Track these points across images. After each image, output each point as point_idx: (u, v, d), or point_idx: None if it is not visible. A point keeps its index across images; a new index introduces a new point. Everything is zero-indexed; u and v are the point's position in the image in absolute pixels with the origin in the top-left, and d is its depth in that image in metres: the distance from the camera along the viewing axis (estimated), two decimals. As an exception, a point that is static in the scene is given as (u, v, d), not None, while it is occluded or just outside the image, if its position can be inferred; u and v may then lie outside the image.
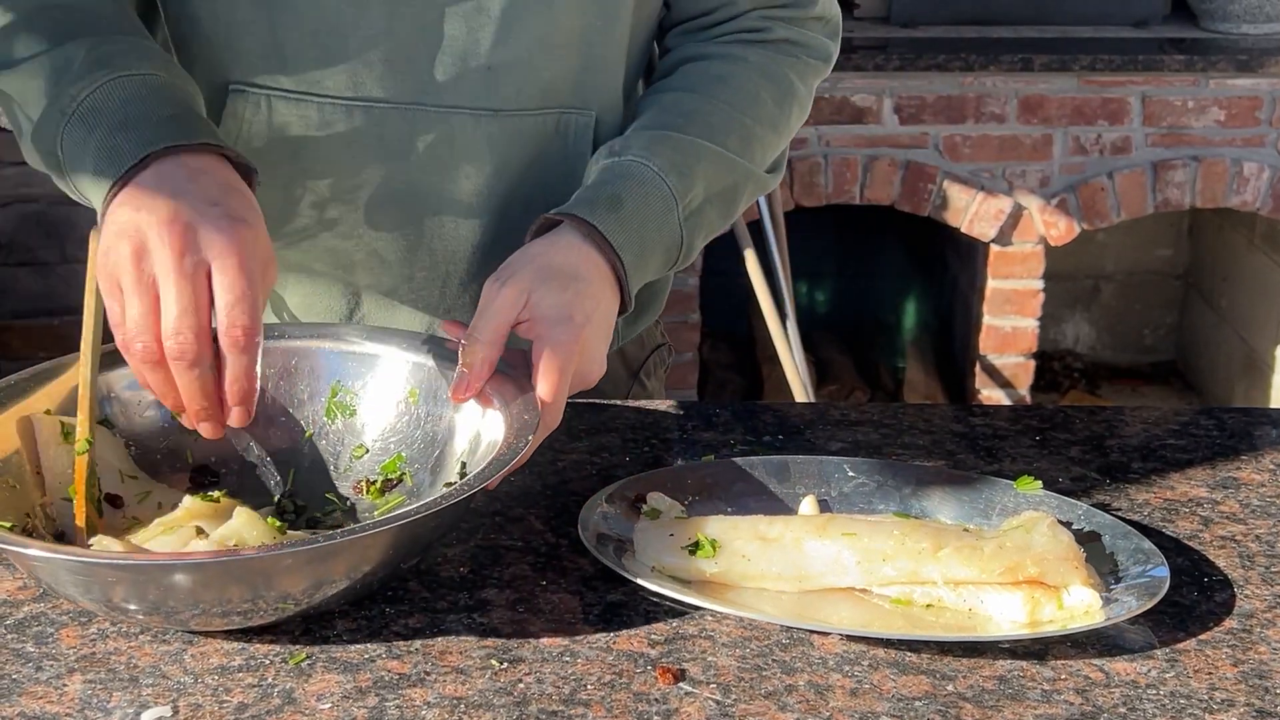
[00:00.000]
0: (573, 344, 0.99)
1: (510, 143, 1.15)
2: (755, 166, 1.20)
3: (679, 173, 1.12)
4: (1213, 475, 1.13)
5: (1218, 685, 0.85)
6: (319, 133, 1.12)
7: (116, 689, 0.84)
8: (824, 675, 0.86)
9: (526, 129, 1.15)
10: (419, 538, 0.90)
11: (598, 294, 1.04)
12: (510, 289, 1.00)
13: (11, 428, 0.98)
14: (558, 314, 1.00)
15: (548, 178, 1.17)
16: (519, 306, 1.00)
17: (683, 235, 1.13)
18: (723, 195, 1.17)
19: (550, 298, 1.00)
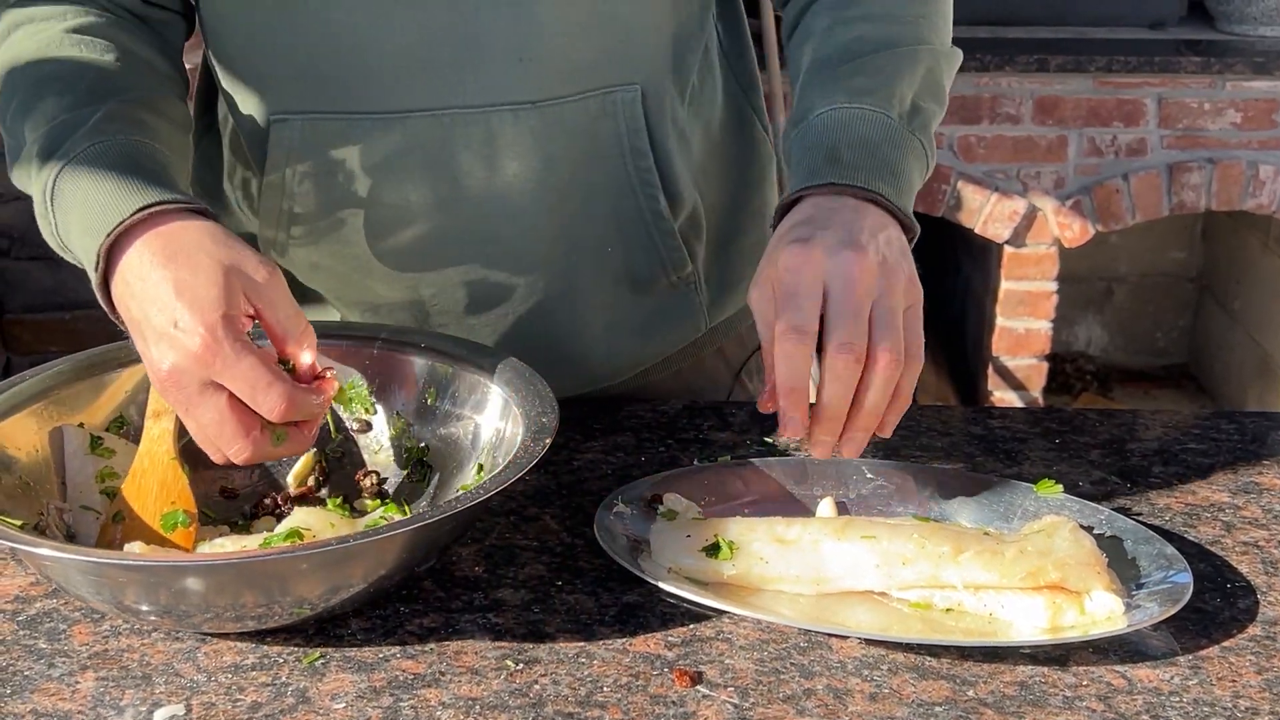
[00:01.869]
0: (863, 261, 0.94)
1: (555, 133, 1.12)
2: (934, 45, 1.13)
3: (869, 92, 1.07)
4: (1234, 479, 1.12)
5: (1241, 693, 0.84)
6: (361, 151, 1.11)
7: (129, 687, 0.84)
8: (843, 679, 0.85)
9: (569, 116, 1.12)
10: (436, 540, 0.90)
11: (864, 221, 0.98)
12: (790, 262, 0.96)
13: (31, 426, 0.98)
14: (838, 240, 0.95)
15: (606, 160, 1.15)
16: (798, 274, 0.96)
17: (919, 140, 1.07)
18: (925, 85, 1.10)
19: (830, 237, 0.96)
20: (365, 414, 1.06)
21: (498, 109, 1.10)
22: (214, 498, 1.03)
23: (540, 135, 1.11)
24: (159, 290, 0.90)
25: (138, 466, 0.98)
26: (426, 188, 1.12)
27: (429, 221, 1.14)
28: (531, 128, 1.11)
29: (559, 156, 1.13)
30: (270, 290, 0.92)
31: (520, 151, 1.12)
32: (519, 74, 1.09)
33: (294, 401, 0.89)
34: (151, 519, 0.95)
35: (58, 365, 1.02)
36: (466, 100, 1.09)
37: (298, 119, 1.11)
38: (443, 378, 1.04)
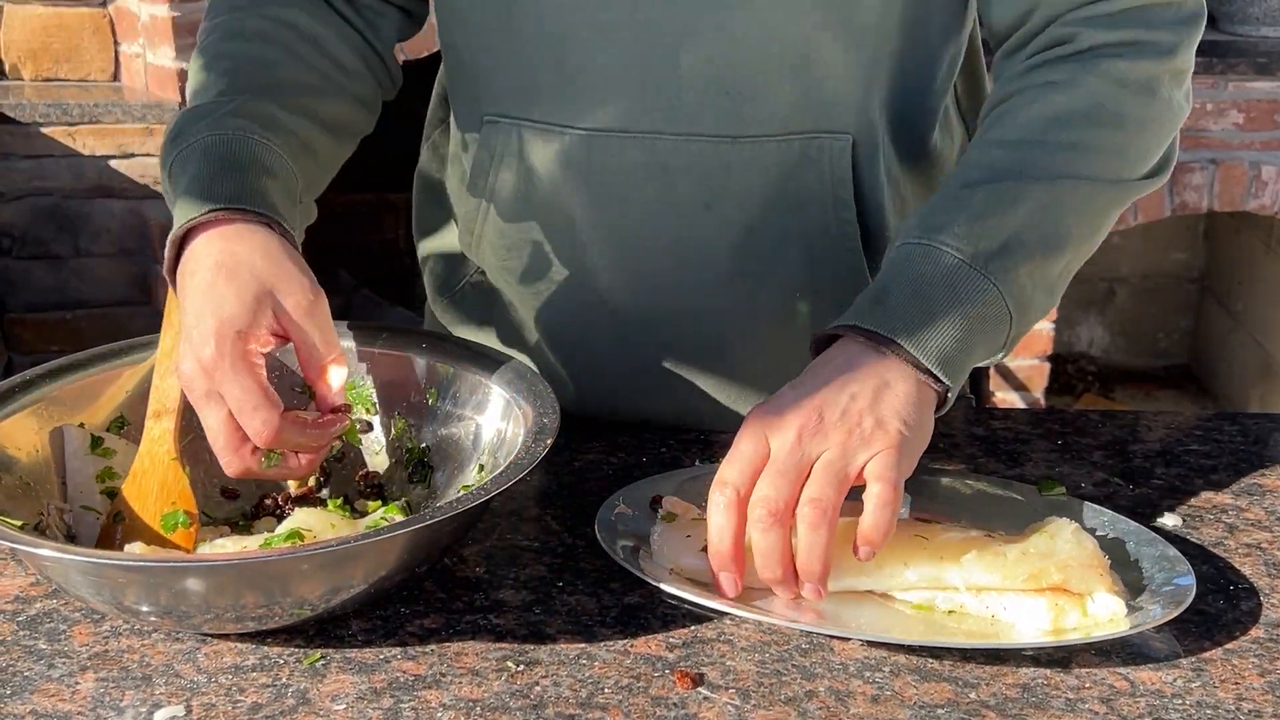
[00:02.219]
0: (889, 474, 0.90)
1: (753, 170, 1.10)
2: (1079, 176, 1.02)
3: (946, 228, 0.98)
4: (1237, 481, 1.12)
5: (1245, 695, 0.84)
6: (563, 164, 1.11)
7: (129, 688, 0.83)
8: (844, 681, 0.85)
9: (770, 156, 1.09)
10: (437, 541, 0.89)
11: (856, 374, 0.93)
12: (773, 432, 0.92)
13: (32, 425, 0.98)
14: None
15: (805, 206, 1.11)
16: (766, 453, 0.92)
17: (993, 283, 0.97)
18: (1035, 222, 1.00)
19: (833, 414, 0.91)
20: (366, 414, 1.06)
21: (698, 139, 1.09)
22: (215, 498, 1.03)
23: (737, 171, 1.10)
24: (196, 293, 0.93)
25: (138, 467, 0.98)
26: (620, 208, 1.12)
27: (616, 243, 1.13)
28: (730, 162, 1.09)
29: (754, 195, 1.11)
30: (305, 315, 0.94)
31: (716, 184, 1.10)
32: (723, 107, 1.07)
33: (279, 431, 0.91)
34: (152, 519, 0.95)
35: (58, 364, 1.02)
36: (672, 128, 1.08)
37: (508, 123, 1.12)
38: (444, 378, 1.04)
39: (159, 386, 1.00)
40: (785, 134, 1.09)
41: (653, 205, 1.11)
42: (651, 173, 1.10)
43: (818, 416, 0.90)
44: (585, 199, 1.12)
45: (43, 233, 3.22)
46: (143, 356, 1.04)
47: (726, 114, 1.08)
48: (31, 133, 3.16)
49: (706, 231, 1.12)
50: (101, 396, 1.02)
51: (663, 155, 1.09)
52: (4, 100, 3.16)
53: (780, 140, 1.09)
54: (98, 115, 3.18)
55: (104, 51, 3.40)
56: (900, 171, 1.15)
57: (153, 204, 3.23)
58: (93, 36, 3.38)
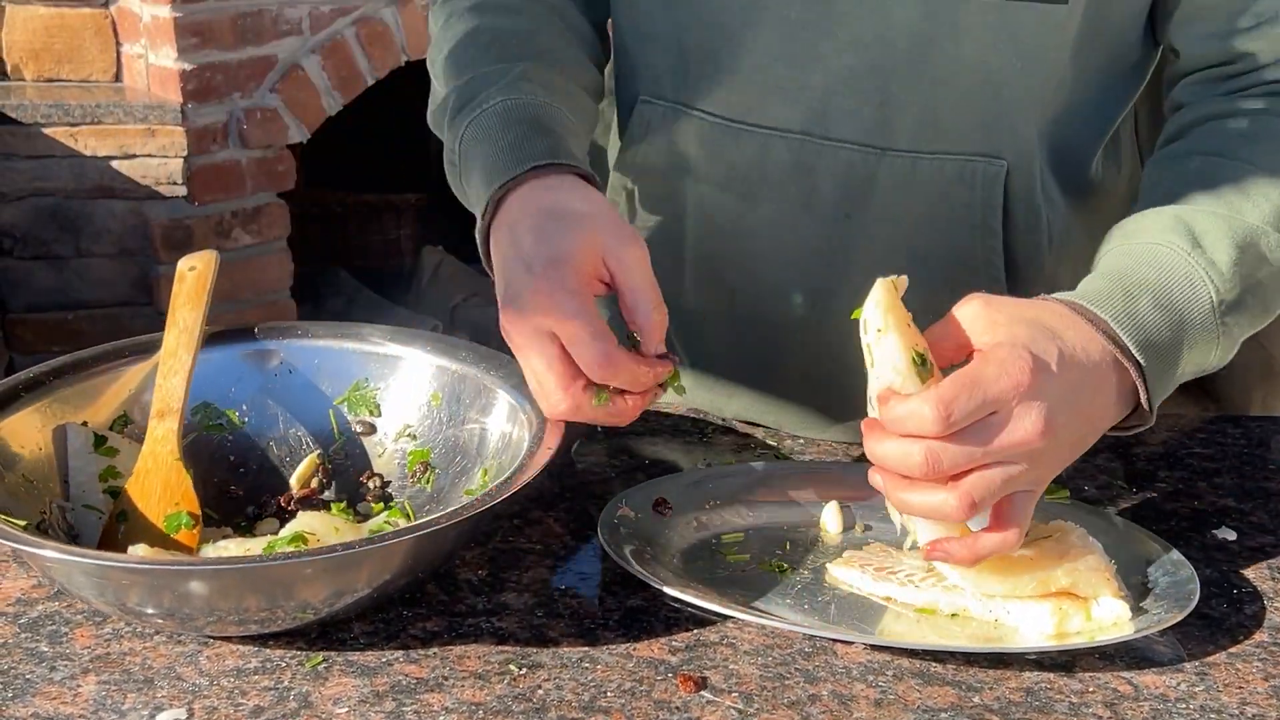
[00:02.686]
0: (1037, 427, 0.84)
1: (899, 186, 1.07)
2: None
3: (1217, 255, 0.95)
4: (1240, 484, 1.12)
5: (1249, 700, 0.84)
6: (709, 153, 1.11)
7: (131, 690, 0.83)
8: (848, 685, 0.85)
9: (921, 173, 1.07)
10: (441, 546, 0.89)
11: (1085, 382, 0.88)
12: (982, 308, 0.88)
13: (34, 424, 0.97)
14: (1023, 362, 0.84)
15: (950, 228, 1.09)
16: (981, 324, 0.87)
17: (1218, 327, 0.94)
18: (1267, 285, 0.98)
19: (1025, 334, 0.86)
20: (370, 416, 1.06)
21: (849, 146, 1.07)
22: (217, 498, 1.03)
23: (886, 184, 1.08)
24: (525, 237, 0.94)
25: (141, 467, 0.98)
26: (760, 206, 1.11)
27: (747, 238, 1.13)
28: (876, 174, 1.08)
29: (899, 211, 1.09)
30: (632, 263, 0.93)
31: (859, 195, 1.09)
32: (879, 118, 1.06)
33: (614, 361, 0.90)
34: (155, 519, 0.95)
35: (62, 362, 1.02)
36: (824, 131, 1.07)
37: (662, 105, 1.13)
38: (449, 381, 1.04)
39: (163, 386, 1.00)
40: (938, 152, 1.07)
41: (791, 207, 1.10)
42: (794, 174, 1.09)
43: (1036, 437, 0.84)
44: (724, 190, 1.12)
45: (44, 233, 3.22)
46: (147, 356, 1.04)
47: (879, 124, 1.06)
48: (33, 133, 3.16)
49: (843, 242, 1.10)
50: (105, 395, 1.02)
51: (808, 157, 1.08)
52: (6, 101, 3.16)
53: (932, 158, 1.07)
54: (99, 116, 3.18)
55: (106, 52, 3.40)
56: (1059, 198, 1.12)
57: (154, 204, 3.23)
58: (94, 37, 3.39)
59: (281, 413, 1.06)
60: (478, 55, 1.09)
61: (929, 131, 1.06)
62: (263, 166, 3.39)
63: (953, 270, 1.10)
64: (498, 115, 1.02)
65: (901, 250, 1.10)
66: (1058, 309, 0.90)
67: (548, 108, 1.04)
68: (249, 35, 3.31)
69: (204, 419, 1.04)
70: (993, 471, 0.84)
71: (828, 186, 1.09)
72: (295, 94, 3.40)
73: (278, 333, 1.07)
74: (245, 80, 3.32)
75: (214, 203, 3.31)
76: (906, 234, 1.09)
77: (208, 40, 3.23)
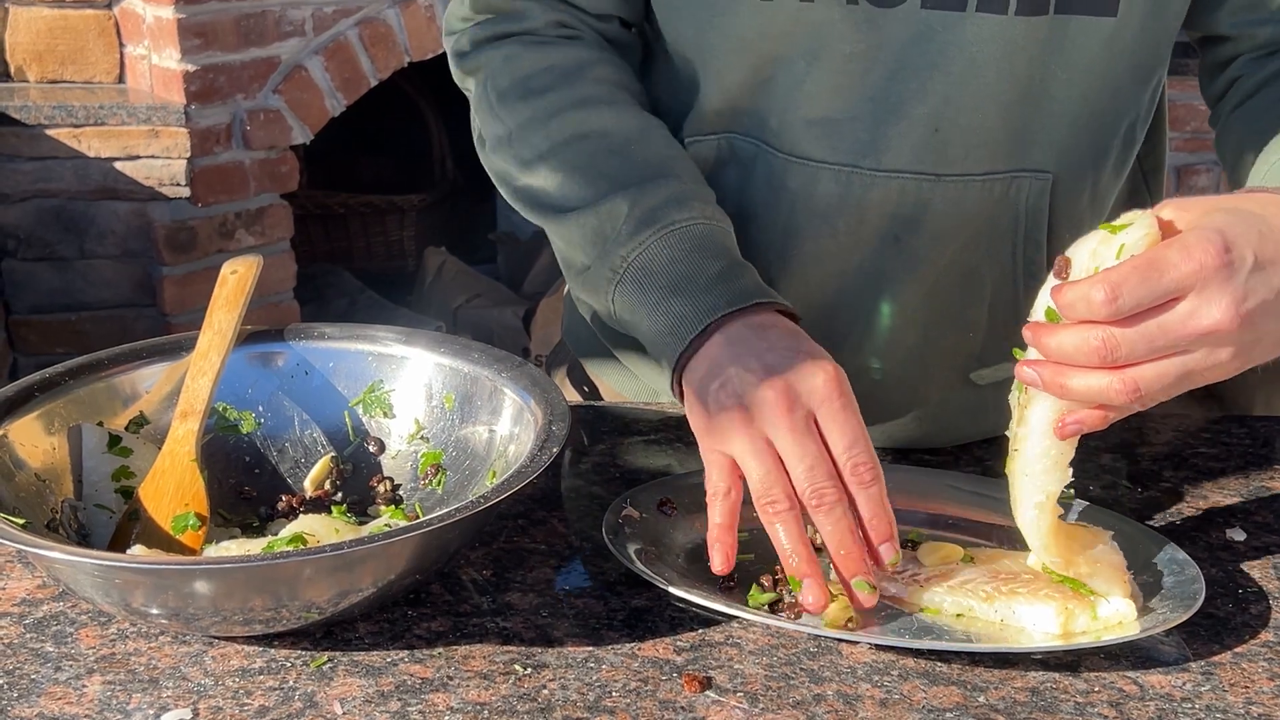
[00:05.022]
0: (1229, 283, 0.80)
1: (952, 209, 1.07)
2: None
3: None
4: (1245, 484, 1.12)
5: (1254, 699, 0.84)
6: (760, 183, 1.10)
7: (136, 690, 0.83)
8: (853, 685, 0.85)
9: (972, 195, 1.06)
10: (445, 546, 0.89)
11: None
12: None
13: (47, 425, 0.98)
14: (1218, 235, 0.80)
15: (996, 244, 1.09)
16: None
17: None
18: None
19: (1223, 221, 0.81)
20: (385, 417, 1.06)
21: (900, 175, 1.06)
22: (232, 500, 1.03)
23: (936, 209, 1.07)
24: (774, 335, 0.94)
25: (159, 466, 0.98)
26: (809, 236, 1.10)
27: (799, 266, 1.11)
28: (928, 200, 1.06)
29: (949, 233, 1.08)
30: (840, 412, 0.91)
31: (909, 220, 1.07)
32: (933, 144, 1.05)
33: (879, 474, 0.89)
34: (165, 520, 0.95)
35: (76, 364, 1.02)
36: (875, 163, 1.06)
37: (713, 139, 1.11)
38: (460, 383, 1.04)
39: (190, 387, 1.01)
40: (989, 173, 1.06)
41: (839, 238, 1.09)
42: (842, 207, 1.07)
43: (1242, 311, 0.80)
44: (774, 222, 1.10)
45: (48, 234, 3.22)
46: (162, 357, 1.05)
47: (932, 151, 1.05)
48: (37, 134, 3.16)
49: (889, 265, 1.09)
50: (117, 396, 1.02)
51: (858, 191, 1.07)
52: (9, 102, 3.16)
53: (983, 180, 1.06)
54: (103, 117, 3.18)
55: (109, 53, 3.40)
56: (1090, 206, 1.12)
57: (157, 205, 3.23)
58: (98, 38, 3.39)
59: (297, 414, 1.06)
60: (603, 162, 1.06)
61: (981, 153, 1.05)
62: (266, 168, 3.39)
63: (998, 285, 1.10)
64: (692, 239, 1.01)
65: (949, 270, 1.09)
66: (1261, 196, 0.86)
67: (729, 235, 1.03)
68: (252, 36, 3.31)
69: (219, 420, 1.04)
70: (1168, 363, 0.82)
71: (877, 215, 1.07)
72: (298, 95, 3.40)
73: (294, 334, 1.08)
74: (248, 81, 3.32)
75: (217, 204, 3.31)
76: (953, 253, 1.09)
77: (211, 41, 3.23)
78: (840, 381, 0.90)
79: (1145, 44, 1.07)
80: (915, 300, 1.11)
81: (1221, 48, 1.13)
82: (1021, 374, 0.85)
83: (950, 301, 1.11)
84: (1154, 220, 0.83)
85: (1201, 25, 1.13)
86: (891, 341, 1.13)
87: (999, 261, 1.09)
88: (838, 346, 1.12)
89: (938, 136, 1.04)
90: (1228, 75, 1.14)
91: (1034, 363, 0.84)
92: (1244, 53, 1.13)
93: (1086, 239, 0.84)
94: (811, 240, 1.10)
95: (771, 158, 1.09)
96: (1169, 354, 0.81)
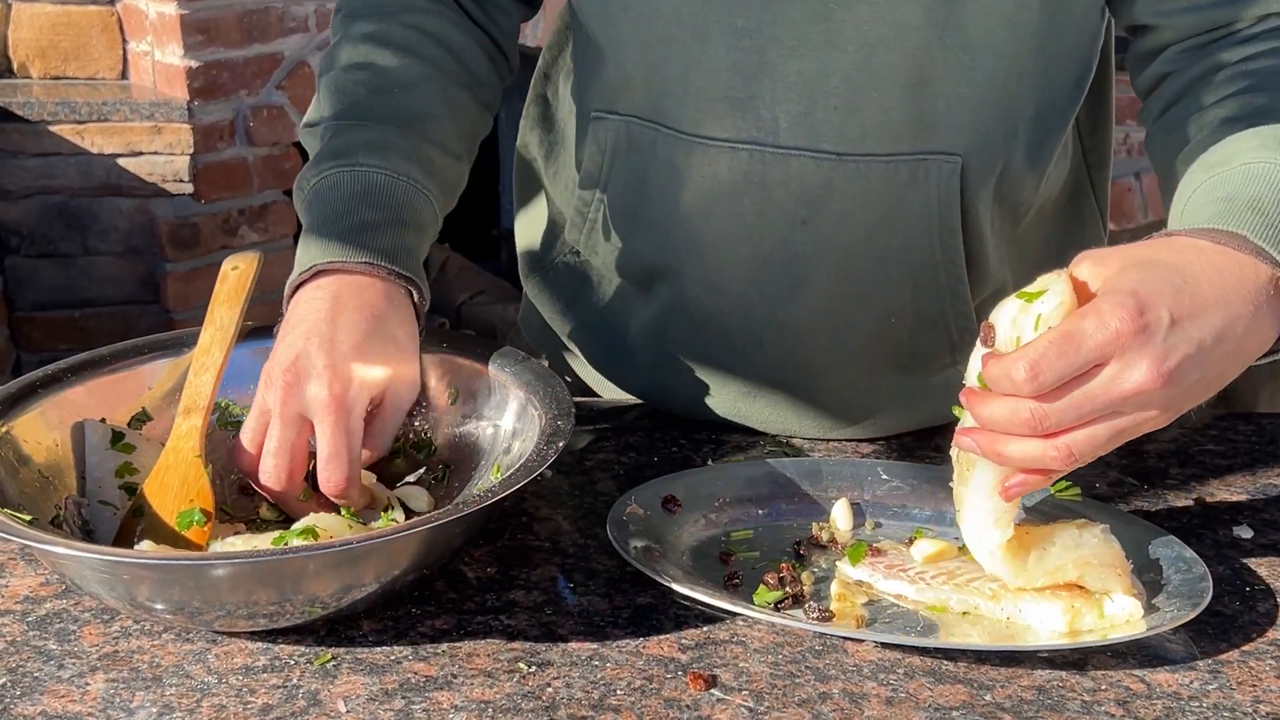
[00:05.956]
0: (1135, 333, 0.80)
1: (855, 190, 1.06)
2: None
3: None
4: (1251, 481, 1.11)
5: (1262, 698, 0.83)
6: (663, 165, 1.10)
7: (139, 688, 0.83)
8: (858, 683, 0.84)
9: (875, 176, 1.06)
10: (447, 542, 0.89)
11: (1223, 302, 0.83)
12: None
13: (50, 421, 0.98)
14: (1135, 294, 0.81)
15: (909, 230, 1.08)
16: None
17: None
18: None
19: (1140, 278, 0.82)
20: None
21: (800, 154, 1.06)
22: (234, 495, 1.03)
23: (841, 190, 1.06)
24: (343, 327, 0.97)
25: (163, 462, 0.97)
26: (710, 220, 1.10)
27: (704, 251, 1.12)
28: (831, 180, 1.06)
29: (857, 215, 1.07)
30: (391, 425, 1.01)
31: (815, 201, 1.07)
32: (831, 122, 1.04)
33: (351, 489, 0.95)
34: (170, 515, 0.95)
35: (78, 360, 1.02)
36: (775, 140, 1.06)
37: (615, 120, 1.12)
38: (463, 378, 1.04)
39: (193, 383, 1.00)
40: (893, 154, 1.05)
41: (746, 218, 1.09)
42: (747, 186, 1.07)
43: (1165, 370, 0.81)
44: (679, 204, 1.11)
45: (51, 231, 3.22)
46: (164, 353, 1.04)
47: (831, 130, 1.05)
48: (39, 131, 3.16)
49: (801, 248, 1.09)
50: (120, 392, 1.02)
51: (760, 169, 1.07)
52: (12, 98, 3.16)
53: (887, 160, 1.06)
54: (106, 113, 3.18)
55: (112, 50, 3.40)
56: (1014, 193, 1.11)
57: (160, 202, 3.23)
58: (101, 34, 3.38)
59: None
60: (361, 99, 1.10)
61: (884, 134, 1.05)
62: (269, 164, 3.39)
63: (915, 271, 1.10)
64: (362, 184, 1.05)
65: (860, 254, 1.09)
66: (1179, 241, 0.87)
67: (413, 193, 1.06)
68: (255, 33, 3.30)
69: (222, 416, 1.04)
70: (1098, 427, 0.83)
71: (783, 195, 1.07)
72: (302, 91, 3.40)
73: None
74: (252, 78, 3.32)
75: (220, 200, 3.31)
76: (865, 237, 1.08)
77: (214, 38, 3.23)
78: (340, 403, 0.95)
79: (1050, 27, 1.06)
80: (830, 286, 1.11)
81: (1147, 37, 1.11)
82: (960, 442, 0.87)
83: (868, 287, 1.11)
84: (1068, 285, 0.84)
85: (1121, 13, 1.11)
86: (813, 328, 1.13)
87: (915, 247, 1.09)
88: (758, 334, 1.13)
89: (836, 115, 1.04)
90: (1156, 68, 1.10)
91: (971, 431, 0.86)
92: (1171, 42, 1.09)
93: (1005, 305, 0.85)
94: (719, 221, 1.10)
95: (674, 139, 1.09)
96: (1097, 418, 0.83)
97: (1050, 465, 0.84)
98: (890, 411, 1.17)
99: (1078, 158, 1.21)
